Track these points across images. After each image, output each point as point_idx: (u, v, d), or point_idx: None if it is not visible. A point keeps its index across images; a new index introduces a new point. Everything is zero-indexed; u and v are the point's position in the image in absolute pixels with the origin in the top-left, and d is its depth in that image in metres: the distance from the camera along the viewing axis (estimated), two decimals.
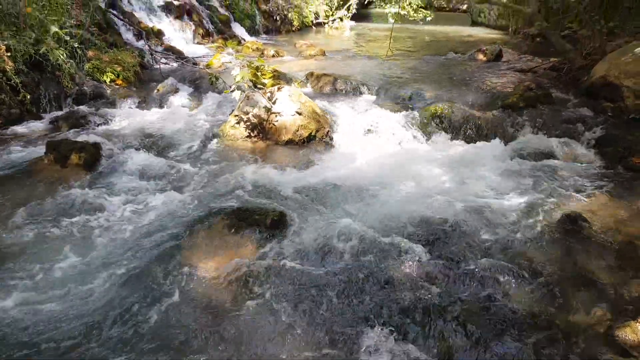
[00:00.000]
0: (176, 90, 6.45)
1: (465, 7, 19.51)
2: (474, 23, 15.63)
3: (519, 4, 7.97)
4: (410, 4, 13.58)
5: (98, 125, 5.39)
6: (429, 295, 2.58)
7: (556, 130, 4.88)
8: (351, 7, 15.10)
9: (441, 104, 5.47)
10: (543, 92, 5.56)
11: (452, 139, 5.12)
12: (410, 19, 13.08)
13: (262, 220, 3.19)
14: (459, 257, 2.94)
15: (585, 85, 5.56)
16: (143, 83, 6.82)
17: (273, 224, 3.19)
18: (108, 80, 6.40)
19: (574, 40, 6.96)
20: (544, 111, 5.24)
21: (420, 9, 13.65)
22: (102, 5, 8.00)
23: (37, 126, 5.30)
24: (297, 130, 5.06)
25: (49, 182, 3.88)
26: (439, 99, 5.81)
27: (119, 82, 6.49)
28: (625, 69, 4.93)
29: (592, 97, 5.42)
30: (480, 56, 8.13)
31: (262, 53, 9.10)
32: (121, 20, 8.08)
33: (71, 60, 5.88)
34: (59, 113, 5.63)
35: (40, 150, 4.38)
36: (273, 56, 9.01)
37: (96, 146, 4.42)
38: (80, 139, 4.65)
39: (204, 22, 10.21)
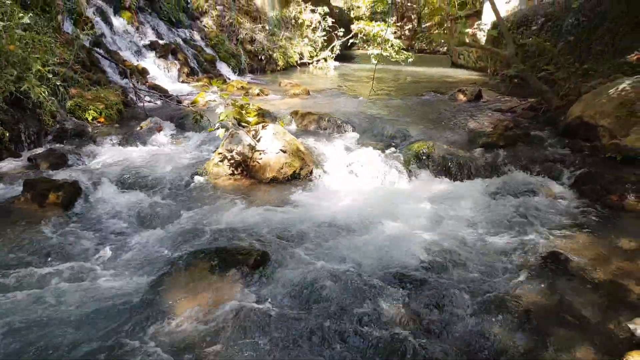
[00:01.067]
0: (159, 128, 6.42)
1: (445, 49, 20.12)
2: (454, 64, 16.09)
3: (496, 47, 8.26)
4: (392, 46, 14.01)
5: (78, 163, 5.29)
6: (412, 338, 2.52)
7: (536, 168, 4.96)
8: (335, 48, 15.49)
9: (423, 142, 5.54)
10: (522, 132, 5.69)
11: (434, 176, 5.15)
12: (393, 60, 13.46)
13: (245, 260, 3.12)
14: (442, 298, 2.89)
15: (563, 125, 5.70)
16: (126, 121, 6.78)
17: (256, 264, 3.12)
18: (90, 117, 6.36)
19: (550, 81, 7.19)
20: (523, 150, 5.35)
21: (402, 50, 14.09)
22: (87, 43, 8.05)
23: (15, 164, 5.18)
24: (281, 168, 5.05)
25: (25, 221, 3.76)
26: (422, 137, 5.89)
27: (101, 119, 6.46)
28: (600, 110, 5.08)
29: (569, 136, 5.55)
30: (461, 96, 8.33)
31: (247, 92, 9.20)
32: (105, 58, 8.12)
33: (53, 98, 5.83)
34: (39, 151, 5.51)
35: (17, 189, 4.27)
36: (258, 95, 9.11)
37: (74, 185, 4.33)
38: (59, 177, 4.56)
39: (189, 61, 10.32)
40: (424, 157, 5.30)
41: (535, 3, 11.51)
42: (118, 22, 9.50)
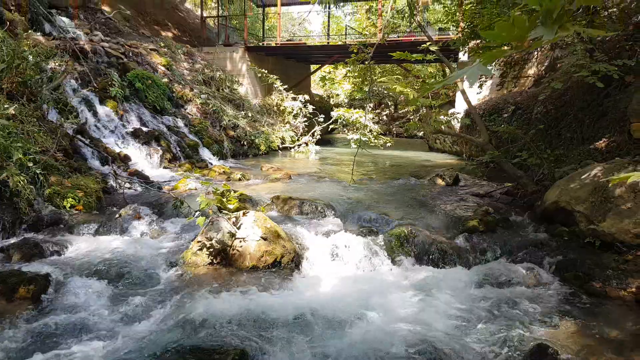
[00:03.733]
0: (138, 216, 6.33)
1: (421, 133, 20.89)
2: (431, 148, 16.64)
3: (470, 134, 8.60)
4: (370, 131, 14.51)
5: (52, 253, 5.12)
6: None
7: (517, 255, 4.97)
8: (316, 134, 15.96)
9: (405, 228, 5.55)
10: (501, 217, 5.76)
11: (417, 263, 5.12)
12: (372, 144, 13.87)
13: None
14: None
15: (540, 210, 5.80)
16: (105, 208, 6.69)
17: None
18: (68, 205, 6.25)
19: (524, 166, 7.44)
20: (503, 235, 5.39)
21: (381, 135, 14.58)
22: (71, 131, 8.14)
23: None
24: (262, 257, 4.97)
25: None
26: (403, 222, 5.91)
27: (79, 207, 6.36)
28: (575, 195, 5.20)
29: (547, 221, 5.63)
30: (439, 181, 8.51)
31: (229, 177, 9.26)
32: (87, 145, 8.18)
33: (31, 186, 5.78)
34: (12, 241, 5.34)
35: None
36: (239, 179, 9.16)
37: (47, 278, 4.19)
38: (31, 269, 4.41)
39: (172, 147, 10.45)
40: (405, 244, 5.29)
41: (505, 92, 12.20)
42: (103, 110, 9.70)
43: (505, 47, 1.11)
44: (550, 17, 0.97)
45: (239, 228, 5.17)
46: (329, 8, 20.80)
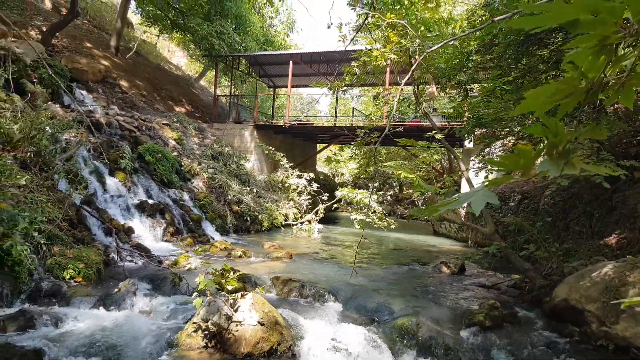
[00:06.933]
0: (136, 291, 6.21)
1: (426, 216, 20.92)
2: (436, 233, 16.53)
3: (476, 223, 8.58)
4: (374, 212, 14.55)
5: (48, 326, 4.99)
6: None
7: (525, 355, 4.75)
8: (319, 212, 16.01)
9: (408, 319, 5.38)
10: (509, 312, 5.58)
11: (419, 358, 4.90)
12: (375, 226, 13.85)
13: None
14: None
15: (549, 306, 5.63)
16: (104, 281, 6.59)
17: None
18: (68, 276, 6.17)
19: (532, 259, 7.31)
20: (511, 332, 5.18)
21: (385, 216, 14.59)
22: (78, 201, 8.21)
23: None
24: (258, 343, 4.78)
25: None
26: (406, 312, 5.74)
27: (79, 279, 6.26)
28: (585, 294, 5.06)
29: (556, 319, 5.44)
30: (444, 269, 8.37)
31: (230, 253, 9.18)
32: (93, 216, 8.21)
33: (33, 256, 5.74)
34: (8, 311, 5.23)
35: None
36: (240, 256, 9.07)
37: (39, 354, 4.08)
38: (25, 342, 4.29)
39: (176, 220, 10.47)
40: (408, 337, 5.10)
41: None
42: (112, 182, 9.84)
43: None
44: (556, 150, 1.00)
45: (236, 311, 5.04)
46: (338, 92, 21.71)
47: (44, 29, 14.65)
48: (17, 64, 10.07)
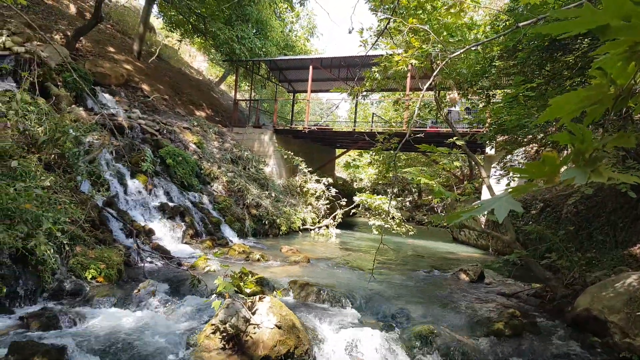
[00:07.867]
0: (156, 292, 6.29)
1: (445, 223, 20.72)
2: (455, 239, 16.36)
3: (497, 230, 8.47)
4: (393, 218, 14.46)
5: (70, 325, 5.11)
6: None
7: None
8: (337, 217, 15.99)
9: (426, 326, 5.33)
10: (529, 321, 5.49)
11: None
12: (393, 232, 13.76)
13: None
14: None
15: (571, 316, 5.52)
16: (125, 282, 6.70)
17: None
18: (89, 276, 6.29)
19: (554, 268, 7.18)
20: (531, 342, 5.10)
21: (403, 222, 14.49)
22: (100, 203, 8.36)
23: (5, 322, 4.99)
24: (275, 346, 4.79)
25: None
26: (424, 319, 5.70)
27: (100, 279, 6.37)
28: (608, 304, 4.96)
29: (578, 329, 5.34)
30: (463, 276, 8.27)
31: (248, 256, 9.23)
32: (115, 218, 8.35)
33: (57, 256, 5.86)
34: (32, 309, 5.37)
35: (2, 350, 4.07)
36: (258, 260, 9.11)
37: (61, 351, 4.16)
38: (48, 340, 4.40)
39: (195, 223, 10.57)
40: (426, 344, 5.05)
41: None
42: (133, 184, 10.00)
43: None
44: (582, 158, 0.99)
45: (254, 313, 5.06)
46: (358, 97, 21.71)
47: (69, 33, 14.99)
48: (42, 67, 10.33)
